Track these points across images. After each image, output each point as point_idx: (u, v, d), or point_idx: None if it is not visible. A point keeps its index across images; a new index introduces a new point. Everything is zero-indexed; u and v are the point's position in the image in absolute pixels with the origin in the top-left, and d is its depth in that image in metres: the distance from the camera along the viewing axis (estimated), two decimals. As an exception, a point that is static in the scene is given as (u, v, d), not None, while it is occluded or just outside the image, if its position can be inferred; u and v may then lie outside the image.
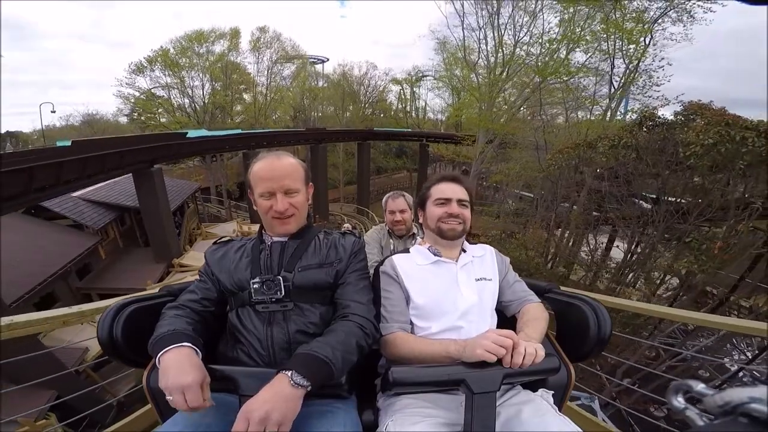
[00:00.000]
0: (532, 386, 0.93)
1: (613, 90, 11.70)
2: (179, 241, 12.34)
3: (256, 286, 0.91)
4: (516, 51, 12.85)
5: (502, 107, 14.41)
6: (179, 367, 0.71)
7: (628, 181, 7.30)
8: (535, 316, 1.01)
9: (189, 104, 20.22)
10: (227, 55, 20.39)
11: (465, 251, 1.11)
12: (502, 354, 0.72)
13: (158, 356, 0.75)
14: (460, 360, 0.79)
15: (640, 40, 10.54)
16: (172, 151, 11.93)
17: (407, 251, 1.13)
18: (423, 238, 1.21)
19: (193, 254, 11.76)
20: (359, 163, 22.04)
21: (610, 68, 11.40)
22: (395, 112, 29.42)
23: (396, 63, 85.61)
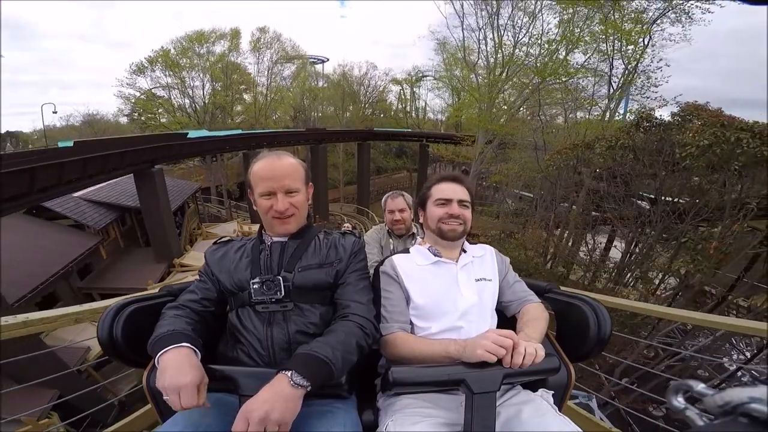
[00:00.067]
0: (532, 386, 0.93)
1: (611, 91, 11.70)
2: (180, 241, 12.35)
3: (256, 286, 0.92)
4: (515, 52, 12.86)
5: (501, 108, 14.41)
6: (177, 367, 0.71)
7: (625, 182, 7.29)
8: (535, 316, 1.01)
9: (189, 104, 20.24)
10: (228, 56, 20.43)
11: (465, 251, 1.11)
12: (502, 354, 0.72)
13: (157, 356, 0.75)
14: (460, 360, 0.79)
15: (639, 40, 10.54)
16: (173, 151, 11.95)
17: (407, 251, 1.13)
18: (423, 238, 1.20)
19: (194, 254, 11.77)
20: (359, 163, 22.05)
21: (609, 69, 11.42)
22: (395, 113, 29.42)
23: (396, 63, 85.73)
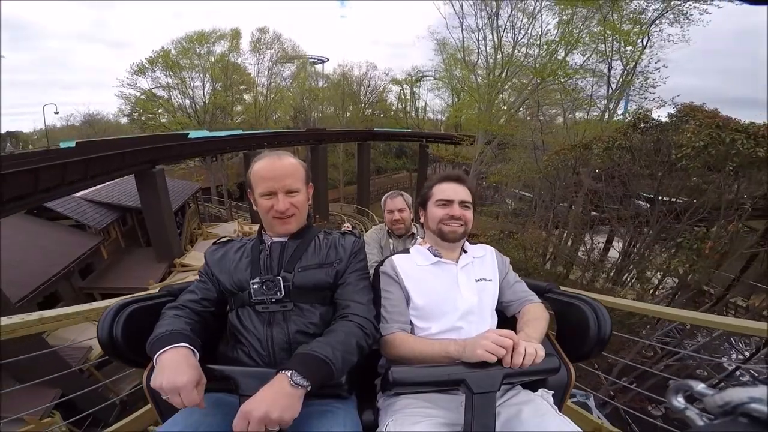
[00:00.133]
0: (532, 386, 0.93)
1: (610, 91, 11.68)
2: (181, 241, 12.38)
3: (255, 286, 0.92)
4: (515, 52, 12.85)
5: (501, 108, 14.41)
6: (175, 367, 0.71)
7: (623, 182, 7.29)
8: (536, 316, 1.01)
9: (190, 105, 20.25)
10: (228, 56, 20.43)
11: (466, 252, 1.10)
12: (502, 354, 0.72)
13: (156, 356, 0.75)
14: (460, 360, 0.79)
15: (637, 41, 10.52)
16: (173, 151, 11.97)
17: (407, 251, 1.13)
18: (423, 238, 1.20)
19: (195, 254, 11.79)
20: (359, 163, 22.05)
21: (608, 70, 11.40)
22: (395, 113, 29.41)
23: (396, 63, 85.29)
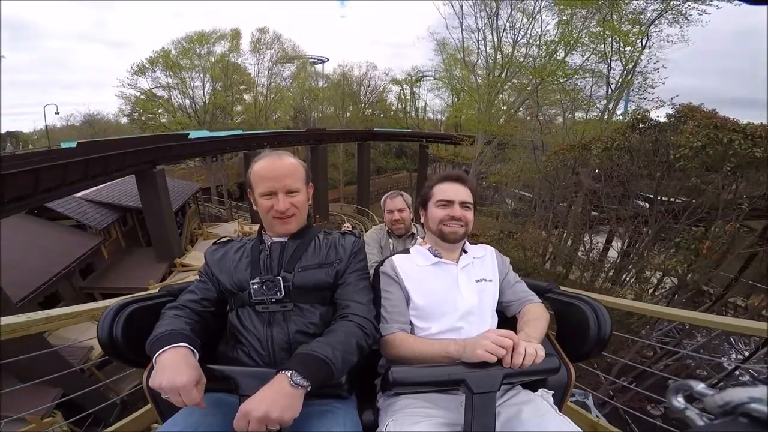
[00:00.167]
0: (532, 386, 0.93)
1: (610, 91, 11.67)
2: (181, 241, 12.38)
3: (255, 286, 0.92)
4: (514, 52, 12.84)
5: (500, 108, 14.41)
6: (175, 367, 0.71)
7: (623, 182, 7.30)
8: (536, 316, 1.00)
9: (190, 105, 20.25)
10: (228, 56, 20.44)
11: (466, 252, 1.10)
12: (502, 354, 0.72)
13: (155, 356, 0.75)
14: (460, 360, 0.78)
15: (637, 42, 10.50)
16: (174, 152, 11.98)
17: (407, 251, 1.13)
18: (423, 238, 1.20)
19: (195, 254, 11.80)
20: (359, 163, 22.05)
21: (607, 70, 11.39)
22: (395, 113, 29.41)
23: (396, 63, 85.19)
